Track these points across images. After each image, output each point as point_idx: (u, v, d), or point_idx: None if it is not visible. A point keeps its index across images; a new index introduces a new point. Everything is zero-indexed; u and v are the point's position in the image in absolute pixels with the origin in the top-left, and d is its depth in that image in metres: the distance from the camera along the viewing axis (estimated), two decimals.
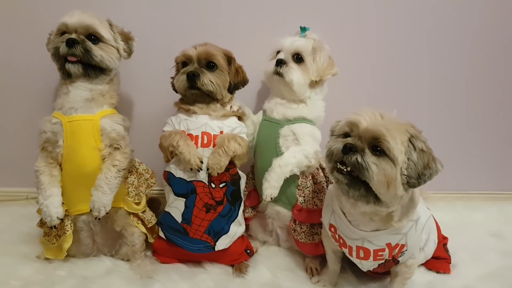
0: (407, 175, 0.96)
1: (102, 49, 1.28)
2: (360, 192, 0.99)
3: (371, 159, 0.96)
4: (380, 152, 0.96)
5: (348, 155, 0.98)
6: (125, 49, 1.35)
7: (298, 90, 1.41)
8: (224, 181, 1.36)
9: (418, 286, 1.35)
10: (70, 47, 1.22)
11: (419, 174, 0.96)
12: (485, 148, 1.93)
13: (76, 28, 1.25)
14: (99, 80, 1.31)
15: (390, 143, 0.95)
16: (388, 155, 0.96)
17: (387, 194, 0.97)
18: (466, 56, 1.78)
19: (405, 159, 0.96)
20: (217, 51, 1.35)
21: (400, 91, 1.80)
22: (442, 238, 1.47)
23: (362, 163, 0.95)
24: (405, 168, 0.96)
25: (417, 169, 0.96)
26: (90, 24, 1.26)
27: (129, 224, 1.37)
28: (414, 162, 0.96)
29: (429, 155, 0.98)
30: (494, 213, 1.87)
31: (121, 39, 1.34)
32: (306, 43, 1.41)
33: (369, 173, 0.95)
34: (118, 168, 1.26)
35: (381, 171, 0.95)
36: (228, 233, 1.38)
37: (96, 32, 1.27)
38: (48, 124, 1.26)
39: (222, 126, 1.36)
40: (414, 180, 0.96)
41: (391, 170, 0.95)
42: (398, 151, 0.95)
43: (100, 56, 1.26)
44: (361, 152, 0.97)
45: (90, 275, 1.33)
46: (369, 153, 0.97)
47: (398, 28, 1.72)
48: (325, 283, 1.36)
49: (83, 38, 1.25)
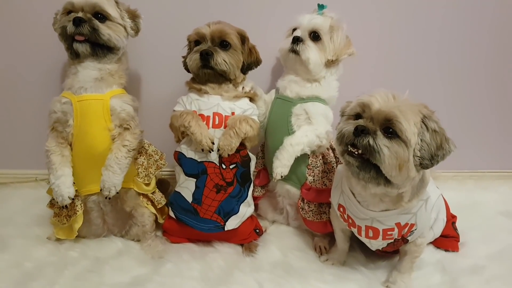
0: (420, 156, 0.95)
1: (110, 28, 1.27)
2: (371, 174, 0.98)
3: (383, 141, 0.94)
4: (393, 134, 0.95)
5: (359, 137, 0.96)
6: (132, 27, 1.34)
7: (314, 69, 1.38)
8: (235, 163, 1.36)
9: (427, 264, 1.36)
10: (78, 26, 1.21)
11: (432, 155, 0.95)
12: (496, 126, 1.91)
13: (82, 6, 1.24)
14: (107, 59, 1.30)
15: (403, 124, 0.93)
16: (400, 137, 0.94)
17: (398, 176, 0.96)
18: (483, 34, 1.74)
19: (418, 141, 0.94)
20: (231, 30, 1.32)
21: (413, 72, 1.77)
22: (451, 217, 1.46)
23: (374, 146, 0.94)
24: (418, 150, 0.95)
25: (430, 150, 0.95)
26: (96, 2, 1.24)
27: (139, 205, 1.38)
28: (427, 143, 0.95)
29: (441, 136, 0.97)
30: (505, 192, 1.85)
31: (128, 17, 1.32)
32: (323, 21, 1.38)
33: (380, 156, 0.93)
34: (128, 148, 1.26)
35: (393, 154, 0.94)
36: (238, 213, 1.39)
37: (103, 10, 1.25)
38: (58, 104, 1.26)
39: (233, 107, 1.35)
40: (427, 161, 0.95)
41: (403, 152, 0.94)
42: (411, 132, 0.93)
43: (108, 35, 1.25)
44: (373, 134, 0.95)
45: (102, 256, 1.35)
46: (381, 135, 0.95)
47: (416, 8, 1.67)
48: (333, 262, 1.37)
49: (90, 16, 1.24)
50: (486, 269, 1.33)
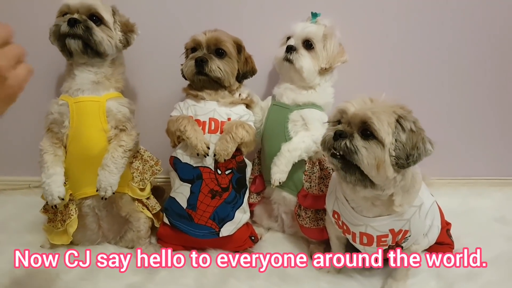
0: (396, 156, 0.97)
1: (103, 31, 1.27)
2: (356, 176, 1.01)
3: (360, 143, 0.98)
4: (370, 135, 0.98)
5: (338, 141, 1.00)
6: (122, 40, 1.33)
7: (308, 77, 1.40)
8: (230, 168, 1.36)
9: (422, 271, 1.35)
10: (72, 27, 1.22)
11: (408, 154, 0.97)
12: (490, 133, 1.91)
13: (78, 8, 1.25)
14: (96, 61, 1.30)
15: (376, 125, 0.96)
16: (377, 138, 0.97)
17: (378, 176, 0.99)
18: (479, 43, 1.75)
19: (393, 140, 0.97)
20: (227, 38, 1.34)
21: (408, 78, 1.78)
22: (446, 224, 1.46)
23: (351, 147, 0.98)
24: (393, 149, 0.97)
25: (405, 150, 0.97)
26: (91, 4, 1.25)
27: (134, 210, 1.38)
28: (402, 142, 0.97)
29: (418, 135, 0.99)
30: (499, 198, 1.85)
31: (120, 29, 1.32)
32: (317, 29, 1.40)
33: (358, 156, 0.97)
34: (125, 148, 1.26)
35: (371, 154, 0.97)
36: (233, 219, 1.38)
37: (98, 13, 1.26)
38: (56, 106, 1.28)
39: (230, 113, 1.36)
40: (403, 161, 0.97)
41: (380, 152, 0.97)
42: (385, 132, 0.96)
43: (101, 38, 1.26)
44: (349, 137, 0.99)
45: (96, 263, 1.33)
46: (358, 137, 0.99)
47: (410, 14, 1.69)
48: (329, 269, 1.36)
49: (85, 18, 1.24)
50: (481, 275, 1.33)
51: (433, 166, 1.63)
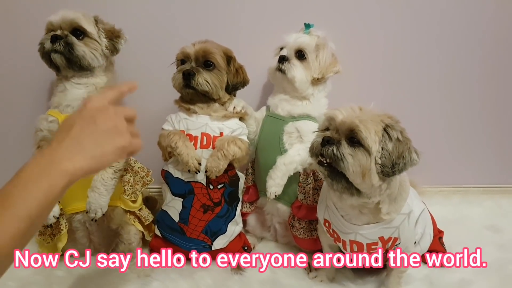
0: (381, 164, 0.98)
1: (87, 45, 1.27)
2: (342, 184, 1.02)
3: (346, 150, 0.99)
4: (356, 143, 0.99)
5: (325, 147, 1.01)
6: (108, 46, 1.33)
7: (300, 87, 1.41)
8: (222, 183, 1.36)
9: (415, 279, 1.36)
10: (54, 43, 1.23)
11: (393, 163, 0.98)
12: (481, 142, 1.93)
13: (60, 24, 1.26)
14: (84, 74, 1.30)
15: (363, 133, 0.98)
16: (363, 146, 0.98)
17: (363, 184, 1.00)
18: (470, 52, 1.78)
19: (379, 149, 0.98)
20: (216, 49, 1.32)
21: (400, 88, 1.80)
22: (438, 232, 1.48)
23: (337, 154, 0.99)
24: (379, 157, 0.98)
25: (391, 158, 0.98)
26: (73, 19, 1.26)
27: (125, 222, 1.37)
28: (388, 151, 0.98)
29: (404, 145, 1.00)
30: (490, 206, 1.87)
31: (104, 36, 1.32)
32: (309, 40, 1.41)
33: (344, 164, 0.98)
34: (115, 169, 1.26)
35: (356, 161, 0.98)
36: (226, 233, 1.38)
37: (80, 26, 1.27)
38: (45, 123, 1.26)
39: (222, 127, 1.35)
40: (388, 169, 0.99)
41: (366, 160, 0.98)
42: (372, 140, 0.98)
43: (83, 52, 1.26)
44: (337, 143, 1.00)
45: (88, 275, 1.33)
46: (345, 144, 1.00)
47: (405, 24, 1.71)
48: (322, 278, 1.37)
49: (66, 33, 1.25)
50: (473, 283, 1.34)
51: (425, 175, 1.65)
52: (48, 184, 0.61)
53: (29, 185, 0.61)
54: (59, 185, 0.62)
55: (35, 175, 0.62)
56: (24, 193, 0.60)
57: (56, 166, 0.63)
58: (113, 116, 0.71)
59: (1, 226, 0.57)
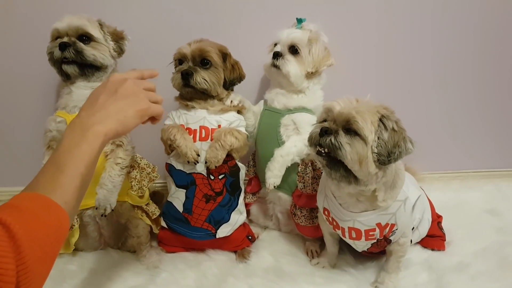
0: (377, 152, 1.02)
1: (94, 48, 1.31)
2: (341, 172, 1.05)
3: (344, 139, 1.02)
4: (353, 133, 1.03)
5: (323, 137, 1.05)
6: (115, 48, 1.38)
7: (295, 81, 1.44)
8: (223, 173, 1.40)
9: (414, 263, 1.39)
10: (63, 51, 1.27)
11: (389, 152, 1.02)
12: (479, 126, 1.95)
13: (66, 31, 1.29)
14: (96, 77, 1.34)
15: (359, 123, 1.01)
16: (360, 135, 1.02)
17: (360, 171, 1.04)
18: (467, 37, 1.79)
19: (375, 138, 1.02)
20: (211, 48, 1.35)
21: (395, 76, 1.82)
22: (437, 217, 1.51)
23: (335, 143, 1.02)
24: (375, 147, 1.02)
25: (387, 147, 1.02)
26: (79, 25, 1.29)
27: (133, 217, 1.42)
28: (384, 140, 1.02)
29: (399, 135, 1.03)
30: (490, 190, 1.88)
31: (111, 38, 1.36)
32: (302, 35, 1.43)
33: (342, 152, 1.02)
34: (121, 166, 1.30)
35: (354, 149, 1.01)
36: (229, 221, 1.43)
37: (86, 32, 1.30)
38: (53, 123, 1.31)
39: (220, 120, 1.40)
40: (384, 158, 1.02)
41: (363, 148, 1.02)
42: (368, 130, 1.01)
43: (93, 55, 1.30)
44: (334, 133, 1.04)
45: (99, 268, 1.39)
46: (342, 134, 1.04)
47: (398, 17, 1.72)
48: (324, 265, 1.42)
49: (74, 40, 1.29)
50: (472, 266, 1.37)
51: (424, 161, 1.68)
52: (87, 145, 0.74)
53: (72, 150, 0.73)
54: (97, 145, 0.75)
55: (75, 142, 0.74)
56: (71, 157, 0.72)
57: (91, 130, 0.75)
58: (132, 86, 0.84)
59: (63, 186, 0.69)
